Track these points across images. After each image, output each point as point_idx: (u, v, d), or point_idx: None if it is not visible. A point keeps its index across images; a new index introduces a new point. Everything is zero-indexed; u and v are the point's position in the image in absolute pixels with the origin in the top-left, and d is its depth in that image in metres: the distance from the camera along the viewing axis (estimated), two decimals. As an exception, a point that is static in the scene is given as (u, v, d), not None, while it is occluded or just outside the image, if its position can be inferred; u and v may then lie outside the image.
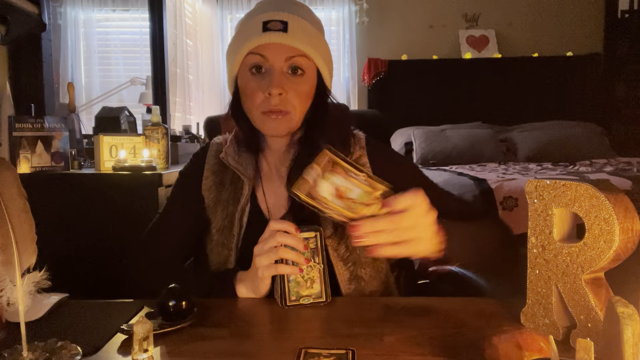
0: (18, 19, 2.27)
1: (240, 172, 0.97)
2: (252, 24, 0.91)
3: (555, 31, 4.32)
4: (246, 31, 0.92)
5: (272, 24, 0.89)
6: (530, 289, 0.69)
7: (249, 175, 0.97)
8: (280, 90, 0.88)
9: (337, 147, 0.90)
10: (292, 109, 0.91)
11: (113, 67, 4.04)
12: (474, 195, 2.36)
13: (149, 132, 1.93)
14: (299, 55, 0.90)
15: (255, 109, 0.91)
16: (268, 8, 0.92)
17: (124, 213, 1.70)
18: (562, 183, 0.64)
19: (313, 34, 0.93)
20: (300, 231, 0.82)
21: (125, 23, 4.05)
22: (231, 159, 0.98)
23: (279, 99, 0.89)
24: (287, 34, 0.89)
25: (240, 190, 0.97)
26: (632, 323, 0.44)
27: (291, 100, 0.90)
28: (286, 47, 0.89)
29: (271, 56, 0.89)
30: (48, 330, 0.70)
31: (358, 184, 0.75)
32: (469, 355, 0.61)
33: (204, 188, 1.00)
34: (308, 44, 0.90)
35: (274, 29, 0.89)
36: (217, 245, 0.96)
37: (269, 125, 0.92)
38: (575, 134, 3.80)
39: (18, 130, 1.75)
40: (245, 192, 0.96)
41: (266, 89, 0.89)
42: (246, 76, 0.92)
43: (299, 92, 0.91)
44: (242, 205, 0.95)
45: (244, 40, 0.91)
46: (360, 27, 4.33)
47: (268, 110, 0.90)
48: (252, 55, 0.90)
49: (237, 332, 0.71)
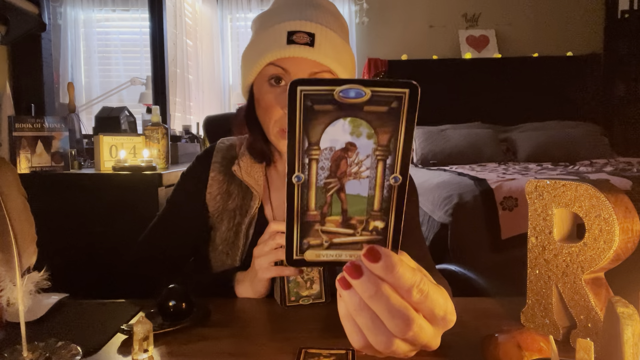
0: (18, 19, 2.27)
1: (252, 186, 0.94)
2: (275, 31, 0.84)
3: (555, 31, 4.32)
4: (268, 39, 0.85)
5: (298, 36, 0.82)
6: (530, 289, 0.69)
7: (259, 189, 0.94)
8: None
9: None
10: None
11: (113, 67, 4.04)
12: (474, 195, 2.36)
13: (149, 132, 1.93)
14: (323, 71, 0.85)
15: (272, 124, 0.87)
16: (294, 15, 0.85)
17: (124, 213, 1.70)
18: (562, 183, 0.64)
19: (340, 46, 0.86)
20: (300, 231, 0.81)
21: (125, 23, 4.05)
22: (245, 173, 0.94)
23: None
24: (314, 48, 0.82)
25: (249, 202, 0.95)
26: (632, 323, 0.44)
27: None
28: (311, 63, 0.83)
29: (294, 70, 0.84)
30: (48, 330, 0.70)
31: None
32: (469, 355, 0.61)
33: (208, 197, 0.98)
34: (334, 60, 0.85)
35: (300, 42, 0.82)
36: (221, 255, 0.96)
37: (284, 144, 0.88)
38: (575, 134, 3.81)
39: (18, 130, 1.75)
40: (254, 205, 0.94)
41: (285, 106, 0.85)
42: (264, 87, 0.87)
43: None
44: (250, 217, 0.94)
45: (265, 49, 0.84)
46: (360, 27, 4.33)
47: (283, 130, 0.85)
48: (272, 66, 0.85)
49: (237, 332, 0.71)
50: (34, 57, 2.44)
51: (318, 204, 0.40)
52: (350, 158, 0.39)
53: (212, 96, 4.22)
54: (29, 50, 2.42)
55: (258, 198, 0.94)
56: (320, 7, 0.88)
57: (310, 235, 0.41)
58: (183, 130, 2.99)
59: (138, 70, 3.83)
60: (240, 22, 4.38)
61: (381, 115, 0.38)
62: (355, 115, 0.37)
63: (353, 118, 0.37)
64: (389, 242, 0.41)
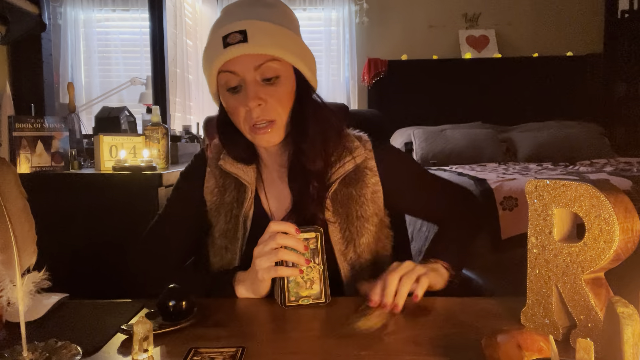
0: (18, 19, 2.27)
1: (240, 177, 0.96)
2: (214, 40, 0.88)
3: (555, 31, 4.32)
4: (210, 49, 0.89)
5: (231, 36, 0.85)
6: (530, 289, 0.69)
7: (249, 180, 0.96)
8: (258, 101, 0.86)
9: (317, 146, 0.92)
10: (276, 117, 0.89)
11: (113, 67, 4.04)
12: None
13: (149, 132, 1.93)
14: (267, 60, 0.86)
15: (242, 124, 0.90)
16: (225, 20, 0.89)
17: (124, 213, 1.69)
18: (562, 183, 0.64)
19: (277, 33, 0.88)
20: (300, 232, 0.82)
21: (125, 23, 4.05)
22: (230, 165, 0.97)
23: (259, 110, 0.87)
24: (248, 43, 0.85)
25: (243, 194, 0.96)
26: (632, 323, 0.44)
27: (273, 107, 0.88)
28: (251, 57, 0.86)
29: (239, 69, 0.87)
30: (48, 330, 0.70)
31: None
32: (469, 355, 0.61)
33: (206, 191, 1.00)
34: (273, 46, 0.87)
35: (233, 42, 0.85)
36: (221, 249, 0.96)
37: (260, 139, 0.91)
38: (575, 134, 3.80)
39: (18, 130, 1.75)
40: (249, 196, 0.95)
41: (245, 104, 0.87)
42: (225, 95, 0.91)
43: (278, 98, 0.88)
44: (246, 209, 0.95)
45: (211, 60, 0.89)
46: (360, 27, 4.32)
47: (254, 125, 0.88)
48: (222, 73, 0.89)
49: (237, 332, 0.71)
50: (34, 57, 2.44)
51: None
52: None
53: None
54: (29, 50, 2.42)
55: (250, 188, 0.95)
56: (252, 4, 0.91)
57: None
58: (183, 130, 2.99)
59: (138, 70, 3.83)
60: (240, 22, 4.37)
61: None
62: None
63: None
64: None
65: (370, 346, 0.64)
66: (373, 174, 0.97)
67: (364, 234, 0.95)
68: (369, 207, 0.96)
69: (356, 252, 0.94)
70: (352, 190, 0.95)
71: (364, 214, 0.95)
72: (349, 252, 0.93)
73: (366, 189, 0.96)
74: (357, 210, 0.95)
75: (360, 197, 0.95)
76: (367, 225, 0.95)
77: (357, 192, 0.95)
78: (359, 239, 0.94)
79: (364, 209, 0.95)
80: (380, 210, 0.99)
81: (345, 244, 0.93)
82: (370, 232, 0.96)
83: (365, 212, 0.95)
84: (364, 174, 0.97)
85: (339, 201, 0.95)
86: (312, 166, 0.92)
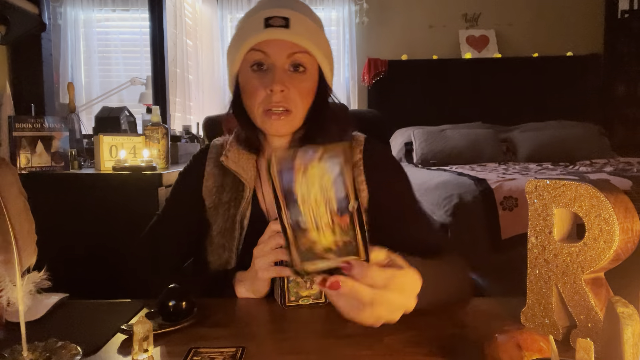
0: (18, 19, 2.27)
1: (241, 175, 0.96)
2: (254, 20, 0.90)
3: (555, 31, 4.32)
4: (247, 28, 0.91)
5: (274, 19, 0.88)
6: (530, 289, 0.69)
7: (249, 179, 0.96)
8: (282, 87, 0.87)
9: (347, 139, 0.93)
10: (293, 108, 0.90)
11: (113, 67, 4.04)
12: (474, 195, 2.36)
13: (149, 132, 1.93)
14: (300, 51, 0.89)
15: (257, 107, 0.90)
16: (269, 5, 0.91)
17: (124, 213, 1.69)
18: (562, 183, 0.64)
19: (314, 30, 0.92)
20: (300, 231, 0.81)
21: (125, 23, 4.05)
22: (232, 162, 0.97)
23: (280, 96, 0.88)
24: (289, 29, 0.88)
25: (241, 193, 0.96)
26: (632, 323, 0.44)
27: (293, 97, 0.89)
28: (288, 43, 0.88)
29: (273, 52, 0.88)
30: (48, 330, 0.70)
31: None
32: (469, 355, 0.61)
33: (204, 191, 1.00)
34: (310, 40, 0.89)
35: (276, 25, 0.87)
36: (218, 248, 0.96)
37: (270, 125, 0.90)
38: (575, 134, 3.80)
39: (18, 130, 1.75)
40: (246, 195, 0.96)
41: (268, 86, 0.87)
42: (247, 73, 0.91)
43: (300, 90, 0.90)
44: (243, 208, 0.95)
45: (246, 36, 0.90)
46: (360, 27, 4.32)
47: (269, 110, 0.89)
48: (253, 51, 0.89)
49: (237, 332, 0.71)
50: (34, 57, 2.43)
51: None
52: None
53: (212, 96, 4.22)
54: (29, 50, 2.42)
55: (248, 187, 0.96)
56: (296, 1, 0.95)
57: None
58: (183, 130, 2.99)
59: (138, 70, 3.83)
60: (240, 22, 4.37)
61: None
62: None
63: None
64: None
65: (370, 346, 0.64)
66: (359, 172, 0.96)
67: None
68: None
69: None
70: None
71: None
72: None
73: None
74: None
75: None
76: None
77: None
78: None
79: None
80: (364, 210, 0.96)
81: None
82: None
83: None
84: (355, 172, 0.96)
85: None
86: None
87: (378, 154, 1.00)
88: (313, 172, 0.54)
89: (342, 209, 0.55)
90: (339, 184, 0.54)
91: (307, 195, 0.55)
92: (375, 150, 1.00)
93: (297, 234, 0.56)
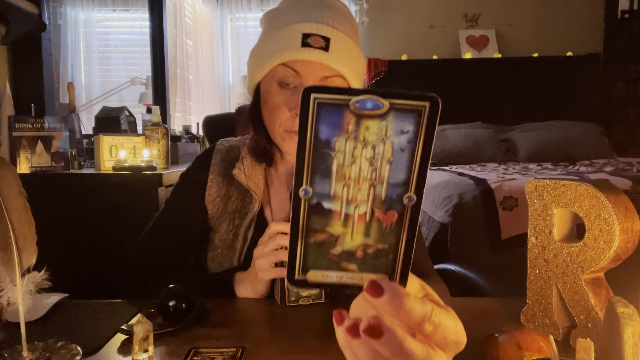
0: (18, 19, 2.27)
1: (252, 189, 0.93)
2: (290, 32, 0.82)
3: (555, 31, 4.32)
4: (281, 39, 0.83)
5: (313, 39, 0.80)
6: (530, 289, 0.69)
7: (259, 192, 0.93)
8: None
9: None
10: None
11: (113, 67, 4.04)
12: (474, 195, 2.36)
13: (149, 132, 1.93)
14: (335, 75, 0.83)
15: (277, 125, 0.86)
16: (309, 16, 0.83)
17: (124, 213, 1.69)
18: (562, 183, 0.64)
19: (353, 52, 0.85)
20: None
21: (125, 23, 4.04)
22: (243, 176, 0.93)
23: None
24: (329, 53, 0.81)
25: (248, 205, 0.94)
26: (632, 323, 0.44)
27: None
28: (324, 67, 0.82)
29: (306, 74, 0.82)
30: (48, 330, 0.70)
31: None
32: (469, 355, 0.61)
33: (207, 200, 0.97)
34: (347, 66, 0.84)
35: (315, 45, 0.80)
36: (219, 256, 0.95)
37: (289, 146, 0.87)
38: (575, 134, 3.80)
39: (18, 130, 1.75)
40: (254, 208, 0.93)
41: (293, 108, 0.83)
42: (272, 87, 0.85)
43: None
44: (249, 220, 0.93)
45: (278, 49, 0.82)
46: (360, 27, 4.32)
47: (291, 130, 0.85)
48: (283, 67, 0.83)
49: (237, 332, 0.71)
50: (34, 57, 2.44)
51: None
52: None
53: (212, 96, 4.22)
54: (29, 50, 2.42)
55: (258, 201, 0.93)
56: (335, 8, 0.86)
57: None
58: (183, 130, 2.99)
59: (138, 70, 3.83)
60: (240, 22, 4.37)
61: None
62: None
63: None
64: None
65: (370, 346, 0.64)
66: None
67: None
68: None
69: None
70: None
71: None
72: None
73: None
74: None
75: None
76: None
77: None
78: None
79: None
80: None
81: None
82: None
83: None
84: None
85: None
86: None
87: None
88: (368, 133, 0.34)
89: (392, 201, 0.35)
90: (402, 161, 0.35)
91: (347, 162, 0.35)
92: None
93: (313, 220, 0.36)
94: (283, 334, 0.73)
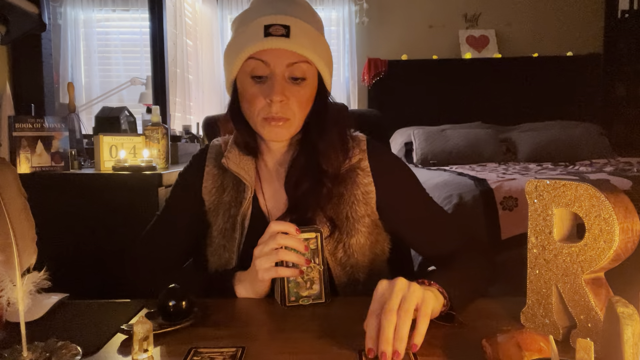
0: (18, 19, 2.26)
1: (242, 176, 0.96)
2: (253, 26, 0.88)
3: (555, 31, 4.32)
4: (246, 34, 0.89)
5: (274, 28, 0.86)
6: (530, 289, 0.69)
7: (250, 180, 0.96)
8: (282, 97, 0.87)
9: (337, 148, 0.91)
10: (292, 116, 0.90)
11: (113, 67, 4.04)
12: (474, 195, 2.36)
13: (149, 132, 1.93)
14: (301, 61, 0.88)
15: (255, 115, 0.90)
16: (268, 10, 0.89)
17: (124, 213, 1.69)
18: (562, 183, 0.64)
19: (315, 37, 0.91)
20: (300, 232, 0.81)
21: (125, 23, 4.04)
22: (233, 163, 0.97)
23: (280, 106, 0.88)
24: (290, 39, 0.86)
25: (242, 193, 0.96)
26: (632, 323, 0.44)
27: (292, 106, 0.89)
28: (288, 53, 0.87)
29: (272, 62, 0.87)
30: (48, 330, 0.70)
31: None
32: (469, 355, 0.61)
33: (204, 192, 1.00)
34: (310, 49, 0.88)
35: (276, 33, 0.86)
36: (219, 248, 0.96)
37: (269, 131, 0.91)
38: (575, 134, 3.80)
39: (18, 130, 1.75)
40: (248, 196, 0.95)
41: (267, 96, 0.87)
42: (246, 81, 0.90)
43: (299, 99, 0.89)
44: (244, 208, 0.95)
45: (244, 44, 0.88)
46: (360, 27, 4.32)
47: (269, 117, 0.89)
48: (252, 60, 0.88)
49: (237, 332, 0.71)
50: (34, 57, 2.43)
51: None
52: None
53: (212, 96, 4.22)
54: (29, 50, 2.42)
55: (250, 188, 0.95)
56: (294, 3, 0.92)
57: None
58: (183, 130, 2.99)
59: (138, 70, 3.83)
60: (240, 22, 4.37)
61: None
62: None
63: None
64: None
65: (370, 346, 0.64)
66: (365, 174, 0.96)
67: (354, 234, 0.93)
68: (360, 208, 0.95)
69: (346, 252, 0.93)
70: (342, 190, 0.95)
71: (354, 214, 0.94)
72: (339, 252, 0.93)
73: (357, 189, 0.95)
74: (346, 211, 0.94)
75: (350, 197, 0.95)
76: (357, 226, 0.94)
77: (347, 192, 0.95)
78: (349, 239, 0.93)
79: (354, 209, 0.94)
80: (372, 212, 0.96)
81: (335, 244, 0.93)
82: (361, 233, 0.94)
83: (355, 213, 0.94)
84: (355, 173, 0.96)
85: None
86: (328, 166, 0.93)
87: (386, 160, 1.01)
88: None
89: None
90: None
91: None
92: (383, 156, 1.01)
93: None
94: (283, 334, 0.73)
